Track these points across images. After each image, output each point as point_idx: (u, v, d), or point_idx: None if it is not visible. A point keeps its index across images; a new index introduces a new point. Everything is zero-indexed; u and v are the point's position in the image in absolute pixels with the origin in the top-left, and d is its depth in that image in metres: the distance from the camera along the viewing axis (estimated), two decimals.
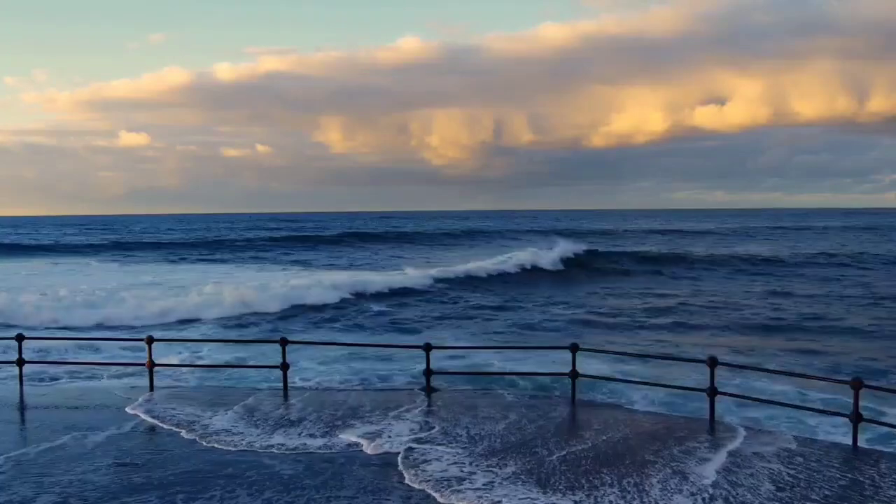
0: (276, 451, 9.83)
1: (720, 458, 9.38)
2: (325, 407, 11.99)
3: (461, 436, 10.33)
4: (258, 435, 10.56)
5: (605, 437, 10.24)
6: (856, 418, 9.73)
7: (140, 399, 12.69)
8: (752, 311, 31.54)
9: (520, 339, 25.49)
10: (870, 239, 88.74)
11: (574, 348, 12.21)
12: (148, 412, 11.86)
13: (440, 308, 33.91)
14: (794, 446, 9.87)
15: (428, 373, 12.68)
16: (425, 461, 9.28)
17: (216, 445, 10.11)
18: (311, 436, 10.50)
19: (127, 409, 12.02)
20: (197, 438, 10.44)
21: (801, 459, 9.28)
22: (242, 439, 10.37)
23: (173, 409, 12.04)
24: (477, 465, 9.08)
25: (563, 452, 9.59)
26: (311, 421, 11.22)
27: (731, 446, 9.85)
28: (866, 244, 77.33)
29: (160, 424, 11.17)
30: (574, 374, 12.21)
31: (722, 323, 28.60)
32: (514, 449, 9.73)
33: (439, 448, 9.78)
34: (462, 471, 8.92)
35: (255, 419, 11.36)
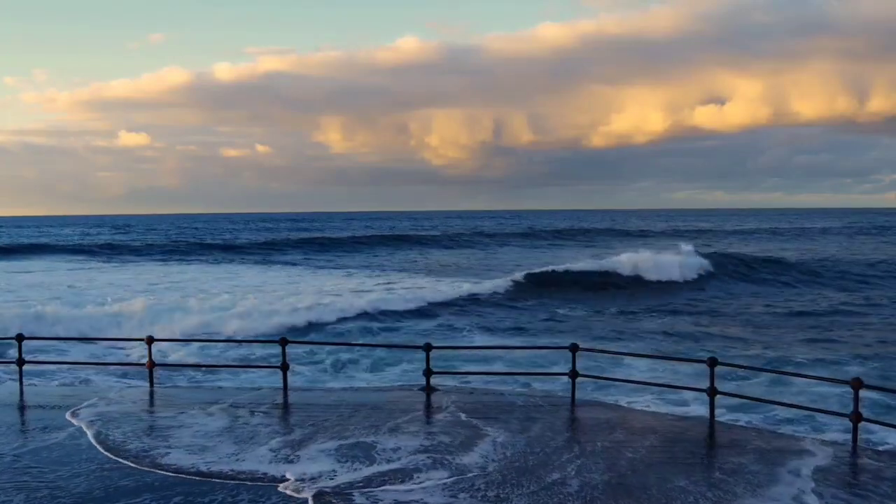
0: (213, 480, 8.43)
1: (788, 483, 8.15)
2: (313, 414, 11.34)
3: (449, 457, 9.17)
4: (212, 454, 9.32)
5: (628, 454, 9.22)
6: (856, 418, 9.72)
7: (84, 403, 12.01)
8: None
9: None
10: None
11: (574, 348, 12.21)
12: (96, 418, 11.04)
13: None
14: (869, 461, 9.12)
15: (428, 373, 12.69)
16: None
17: (140, 467, 8.88)
18: (261, 459, 9.13)
19: (67, 416, 11.21)
20: (125, 458, 9.20)
21: (868, 477, 8.51)
22: (180, 460, 9.12)
23: (133, 415, 11.43)
24: None
25: (579, 482, 8.22)
26: (281, 433, 10.27)
27: (793, 463, 8.81)
28: None
29: (85, 432, 10.30)
30: (574, 374, 12.21)
31: None
32: (514, 476, 8.46)
33: (422, 477, 8.48)
34: None
35: (225, 428, 10.52)
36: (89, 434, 10.28)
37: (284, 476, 8.52)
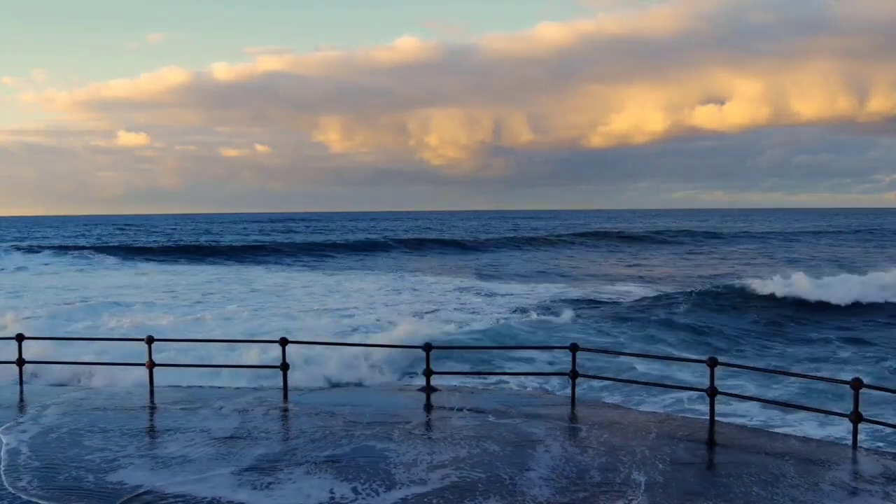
0: None
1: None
2: (313, 416, 11.04)
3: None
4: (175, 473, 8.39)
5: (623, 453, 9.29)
6: (856, 418, 9.73)
7: (31, 406, 11.74)
8: None
9: None
10: None
11: (574, 348, 12.21)
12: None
13: None
14: None
15: (428, 372, 12.69)
16: None
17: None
18: (224, 481, 8.00)
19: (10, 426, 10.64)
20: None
21: None
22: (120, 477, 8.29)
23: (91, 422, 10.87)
24: None
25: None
26: (271, 441, 9.66)
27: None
28: None
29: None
30: (574, 374, 12.21)
31: None
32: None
33: None
34: None
35: (206, 435, 9.99)
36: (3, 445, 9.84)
37: None
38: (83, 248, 70.76)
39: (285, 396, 12.72)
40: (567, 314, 29.14)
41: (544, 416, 11.20)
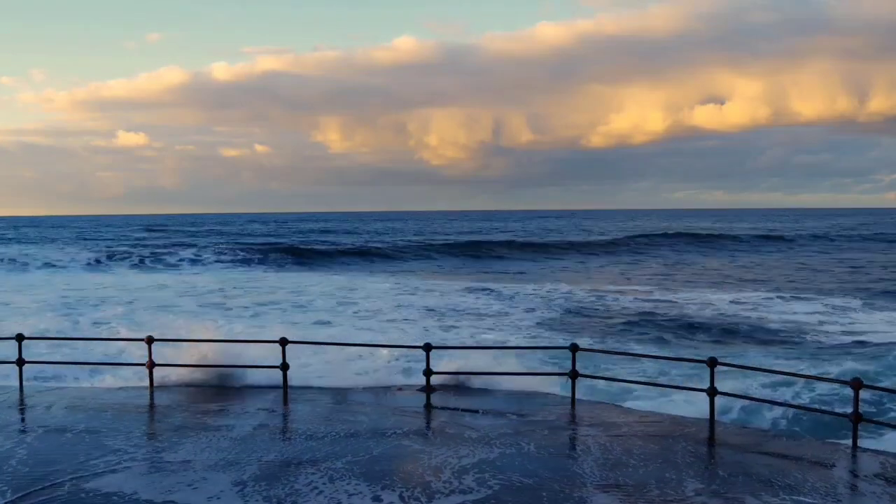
0: None
1: None
2: (315, 419, 11.01)
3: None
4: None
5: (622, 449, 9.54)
6: (856, 418, 9.73)
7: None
8: None
9: None
10: None
11: (574, 348, 12.22)
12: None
13: None
14: None
15: (427, 373, 12.69)
16: None
17: None
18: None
19: None
20: None
21: None
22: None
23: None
24: None
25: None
26: (277, 446, 9.43)
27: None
28: None
29: None
30: (574, 374, 12.21)
31: None
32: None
33: None
34: None
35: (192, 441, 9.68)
36: None
37: None
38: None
39: (286, 397, 12.72)
40: None
41: (553, 414, 11.28)
